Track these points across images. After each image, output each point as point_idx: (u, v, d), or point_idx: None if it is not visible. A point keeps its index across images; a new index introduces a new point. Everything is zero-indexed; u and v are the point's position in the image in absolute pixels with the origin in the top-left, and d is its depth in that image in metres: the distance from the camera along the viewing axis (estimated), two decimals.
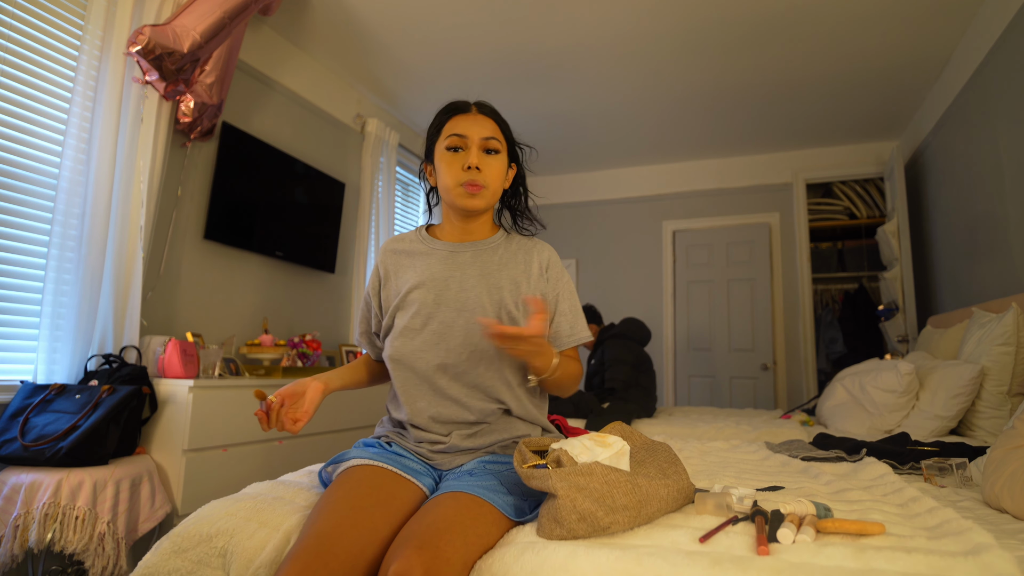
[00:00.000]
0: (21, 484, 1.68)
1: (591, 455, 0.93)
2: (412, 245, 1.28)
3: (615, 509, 0.84)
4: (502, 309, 1.18)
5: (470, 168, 1.17)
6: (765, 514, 0.92)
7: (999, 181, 2.66)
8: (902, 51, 3.08)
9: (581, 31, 2.96)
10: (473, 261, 1.22)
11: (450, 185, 1.18)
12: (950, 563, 0.74)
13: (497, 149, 1.21)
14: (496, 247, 1.26)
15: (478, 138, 1.18)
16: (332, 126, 3.51)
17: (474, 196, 1.18)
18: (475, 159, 1.17)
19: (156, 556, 0.92)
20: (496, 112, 1.26)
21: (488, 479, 1.01)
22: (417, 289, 1.19)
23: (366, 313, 1.31)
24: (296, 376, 2.71)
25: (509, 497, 0.97)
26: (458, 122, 1.21)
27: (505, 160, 1.23)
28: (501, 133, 1.23)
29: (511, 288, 1.20)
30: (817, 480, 1.40)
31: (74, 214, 2.05)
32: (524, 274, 1.23)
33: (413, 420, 1.17)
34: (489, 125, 1.21)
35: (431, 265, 1.22)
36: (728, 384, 4.55)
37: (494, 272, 1.21)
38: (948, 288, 3.41)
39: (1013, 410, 2.10)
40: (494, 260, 1.23)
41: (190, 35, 2.21)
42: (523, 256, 1.25)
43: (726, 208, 4.73)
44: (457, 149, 1.19)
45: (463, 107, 1.23)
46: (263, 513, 0.96)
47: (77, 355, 2.05)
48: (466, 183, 1.17)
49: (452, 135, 1.19)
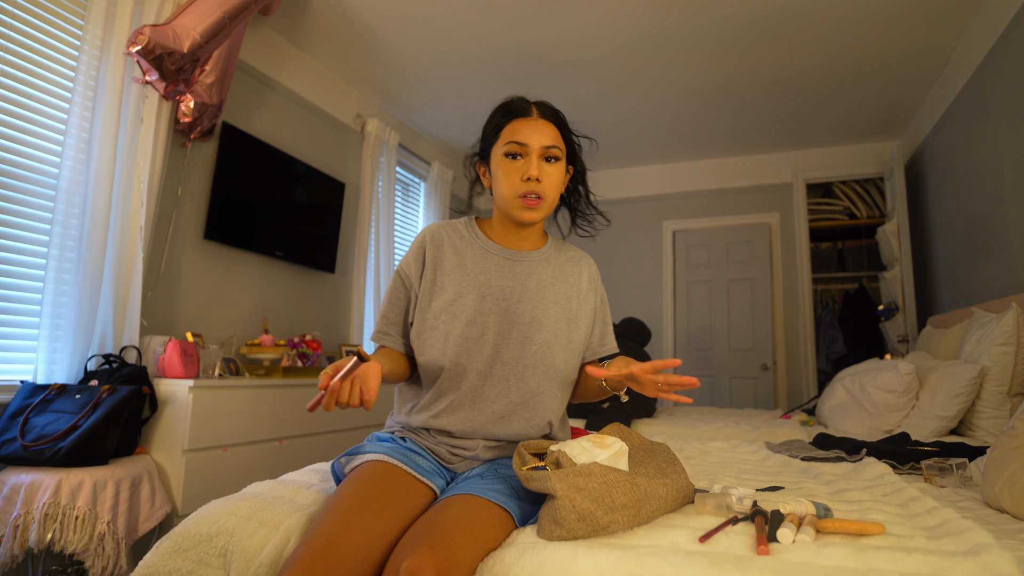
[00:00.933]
0: (21, 484, 1.68)
1: (589, 456, 0.93)
2: (463, 239, 1.23)
3: (614, 508, 0.84)
4: (558, 323, 1.18)
5: (529, 180, 1.13)
6: (765, 514, 0.92)
7: (999, 181, 2.66)
8: (902, 51, 3.08)
9: (581, 31, 2.96)
10: (531, 273, 1.20)
11: (508, 196, 1.15)
12: (949, 563, 0.74)
13: (557, 156, 1.17)
14: (549, 259, 1.25)
15: (539, 147, 1.14)
16: (332, 126, 3.51)
17: (532, 210, 1.15)
18: (535, 170, 1.13)
19: (157, 556, 0.92)
20: (557, 115, 1.20)
21: (498, 483, 1.00)
22: (471, 295, 1.16)
23: (399, 302, 1.22)
24: (296, 376, 2.71)
25: (517, 501, 0.97)
26: (518, 127, 1.16)
27: (564, 166, 1.20)
28: (562, 139, 1.19)
29: (564, 302, 1.21)
30: (817, 480, 1.40)
31: (74, 214, 2.05)
32: (575, 288, 1.24)
33: (445, 427, 1.14)
34: (550, 132, 1.17)
35: (487, 270, 1.19)
36: (728, 384, 4.55)
37: (549, 285, 1.21)
38: (948, 288, 3.40)
39: (1013, 410, 2.10)
40: (548, 273, 1.22)
41: (190, 35, 2.21)
42: (572, 268, 1.26)
43: (726, 208, 4.73)
44: (516, 156, 1.15)
45: (523, 109, 1.18)
46: (263, 512, 0.96)
47: (77, 355, 2.05)
48: (524, 195, 1.14)
49: (512, 142, 1.15)
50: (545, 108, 1.19)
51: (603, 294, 1.30)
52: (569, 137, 1.22)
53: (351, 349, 3.33)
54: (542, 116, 1.17)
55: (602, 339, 1.27)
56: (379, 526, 0.86)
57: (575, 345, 1.21)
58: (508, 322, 1.15)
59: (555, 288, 1.21)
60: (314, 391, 2.63)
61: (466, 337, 1.13)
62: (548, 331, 1.16)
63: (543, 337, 1.16)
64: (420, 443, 1.14)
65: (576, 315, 1.23)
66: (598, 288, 1.29)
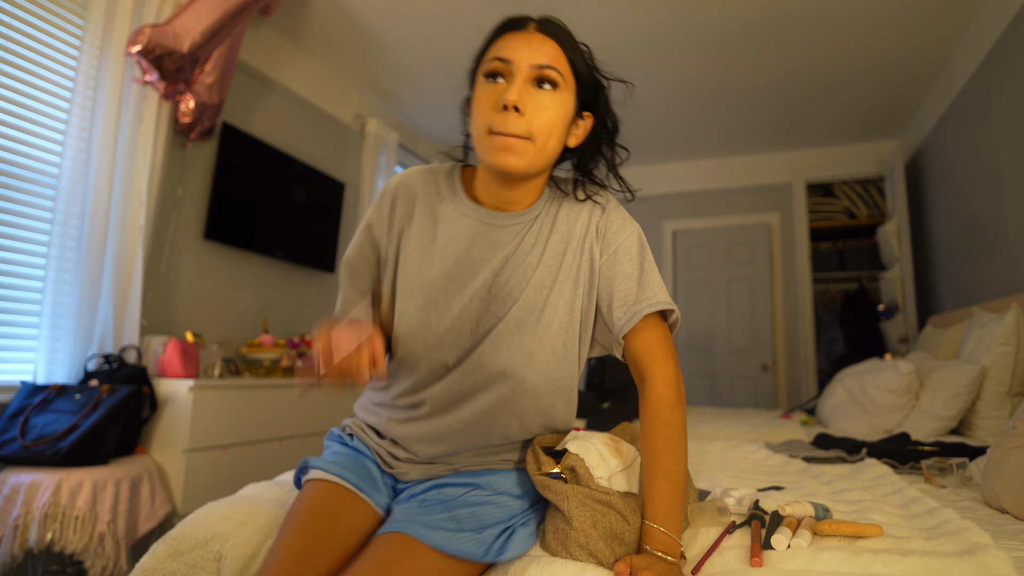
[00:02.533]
0: (21, 484, 1.68)
1: (607, 467, 0.87)
2: (439, 196, 0.95)
3: (623, 544, 0.82)
4: (532, 310, 0.89)
5: (506, 108, 0.81)
6: (762, 518, 0.92)
7: (999, 181, 2.65)
8: (902, 51, 3.07)
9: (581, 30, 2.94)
10: (514, 242, 0.91)
11: (478, 131, 0.85)
12: (946, 564, 0.74)
13: (555, 82, 0.84)
14: (541, 219, 0.93)
15: (527, 64, 0.83)
16: (332, 126, 3.51)
17: (506, 152, 0.82)
18: (514, 94, 0.81)
19: (152, 559, 0.91)
20: (565, 32, 0.88)
21: (437, 510, 0.83)
22: (434, 268, 0.91)
23: (360, 260, 0.98)
24: (296, 376, 2.71)
25: (460, 534, 0.79)
26: (506, 41, 0.86)
27: (569, 101, 0.87)
28: (567, 62, 0.86)
29: (551, 281, 0.90)
30: (817, 480, 1.40)
31: (74, 214, 2.05)
32: (560, 252, 0.91)
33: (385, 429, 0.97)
34: (548, 49, 0.85)
35: (457, 238, 0.91)
36: (728, 384, 4.55)
37: (536, 260, 0.91)
38: (948, 288, 3.40)
39: (1013, 410, 2.10)
40: (537, 241, 0.91)
41: (190, 35, 2.21)
42: (566, 224, 0.92)
43: (726, 208, 4.73)
44: (496, 77, 0.85)
45: (518, 22, 0.88)
46: (259, 518, 0.95)
47: (77, 355, 2.05)
48: (496, 131, 0.82)
49: (494, 59, 0.85)
50: (549, 22, 0.88)
51: (621, 247, 0.92)
52: (584, 66, 0.89)
53: None
54: (540, 30, 0.87)
55: (626, 306, 0.89)
56: (327, 560, 0.78)
57: (563, 345, 0.91)
58: (476, 312, 0.89)
59: (545, 263, 0.90)
60: (314, 391, 2.63)
61: (422, 324, 0.89)
62: (521, 315, 0.88)
63: (518, 337, 0.88)
64: (365, 442, 0.99)
65: (560, 296, 0.90)
66: (609, 242, 0.91)
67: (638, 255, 0.92)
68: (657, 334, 0.90)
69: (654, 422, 0.86)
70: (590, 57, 0.91)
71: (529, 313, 0.89)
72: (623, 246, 0.92)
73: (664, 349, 0.89)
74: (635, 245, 0.93)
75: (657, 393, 0.87)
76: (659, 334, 0.90)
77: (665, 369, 0.88)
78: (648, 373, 0.89)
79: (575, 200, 0.94)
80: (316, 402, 2.64)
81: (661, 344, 0.89)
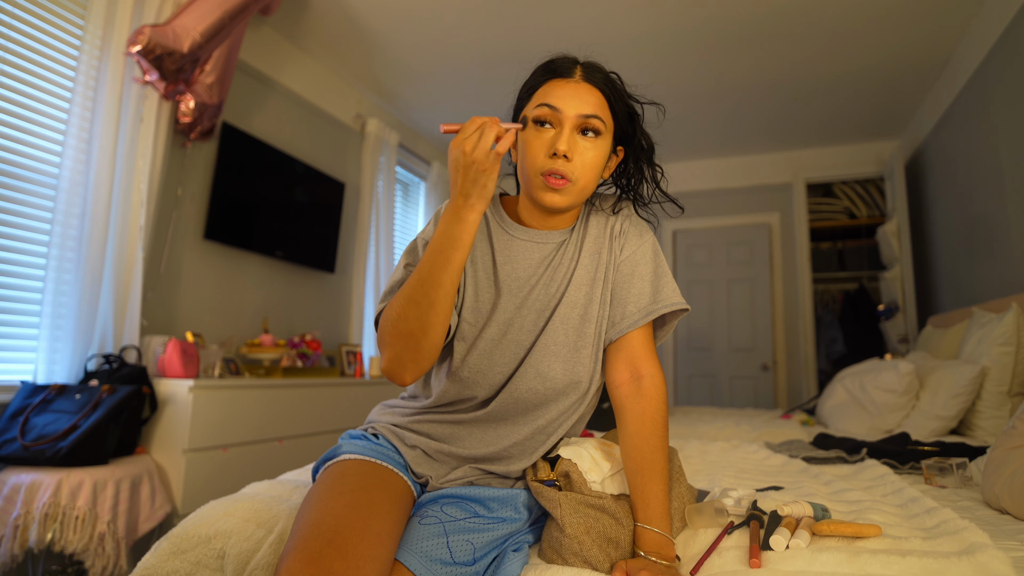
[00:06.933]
0: (21, 484, 1.68)
1: (599, 471, 0.89)
2: (487, 221, 1.03)
3: (618, 547, 0.83)
4: (577, 317, 0.98)
5: (556, 155, 0.91)
6: (760, 519, 0.92)
7: (999, 181, 2.65)
8: (902, 51, 3.07)
9: (581, 31, 2.96)
10: (559, 257, 1.00)
11: (528, 173, 0.94)
12: (944, 564, 0.74)
13: (598, 130, 0.93)
14: (580, 232, 1.02)
15: (574, 115, 0.91)
16: (332, 126, 3.52)
17: (556, 192, 0.92)
18: (564, 144, 0.90)
19: (155, 557, 0.92)
20: (607, 79, 0.96)
21: (435, 532, 0.83)
22: (489, 290, 0.98)
23: None
24: (296, 376, 2.71)
25: (453, 567, 0.79)
26: (553, 88, 0.94)
27: (607, 144, 0.96)
28: (608, 109, 0.95)
29: (584, 288, 0.98)
30: (817, 480, 1.40)
31: (74, 214, 2.05)
32: (594, 261, 1.00)
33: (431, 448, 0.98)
34: (593, 98, 0.93)
35: (512, 259, 0.99)
36: (728, 384, 4.55)
37: (576, 271, 0.99)
38: (948, 288, 3.40)
39: (1013, 410, 2.10)
40: (577, 254, 1.00)
41: (190, 35, 2.22)
42: (597, 232, 1.01)
43: (726, 208, 4.73)
44: (545, 124, 0.93)
45: (564, 69, 0.95)
46: (261, 514, 0.95)
47: (77, 355, 2.05)
48: (548, 172, 0.91)
49: (542, 104, 0.93)
50: (593, 70, 0.96)
51: (638, 250, 1.01)
52: (620, 109, 0.98)
53: (352, 350, 3.34)
54: (586, 79, 0.94)
55: (623, 313, 0.98)
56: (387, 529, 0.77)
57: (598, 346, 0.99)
58: (532, 322, 0.96)
59: (581, 271, 0.98)
60: (314, 391, 2.64)
61: (483, 339, 0.96)
62: (572, 323, 0.97)
63: (570, 344, 0.96)
64: (392, 441, 1.00)
65: (595, 298, 0.98)
66: (626, 243, 1.01)
67: (652, 259, 1.02)
68: (649, 334, 0.99)
69: (655, 419, 0.91)
70: (622, 88, 1.00)
71: (576, 319, 0.97)
72: (639, 250, 1.02)
73: (653, 348, 0.99)
74: (650, 249, 1.03)
75: (655, 388, 0.93)
76: (650, 334, 1.00)
77: (657, 365, 0.97)
78: (645, 369, 0.95)
79: (599, 208, 1.05)
80: (316, 402, 2.64)
81: (652, 343, 0.99)
